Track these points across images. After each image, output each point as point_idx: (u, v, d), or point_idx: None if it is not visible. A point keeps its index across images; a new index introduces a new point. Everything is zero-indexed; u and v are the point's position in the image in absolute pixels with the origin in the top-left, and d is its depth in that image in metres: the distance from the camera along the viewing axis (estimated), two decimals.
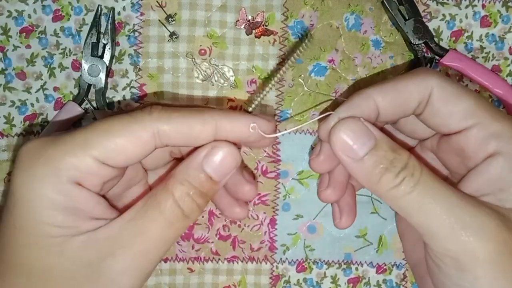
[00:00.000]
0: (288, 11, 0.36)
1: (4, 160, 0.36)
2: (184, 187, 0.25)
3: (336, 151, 0.25)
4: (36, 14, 0.35)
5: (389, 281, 0.38)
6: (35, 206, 0.23)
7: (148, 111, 0.24)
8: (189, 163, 0.25)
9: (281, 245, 0.38)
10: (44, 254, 0.23)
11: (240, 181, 0.30)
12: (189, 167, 0.25)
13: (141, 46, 0.36)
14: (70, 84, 0.36)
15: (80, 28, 0.35)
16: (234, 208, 0.31)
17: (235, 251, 0.37)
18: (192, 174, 0.25)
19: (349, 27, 0.36)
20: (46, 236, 0.23)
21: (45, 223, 0.23)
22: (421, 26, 0.35)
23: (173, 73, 0.36)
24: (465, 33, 0.36)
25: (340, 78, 0.36)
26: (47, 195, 0.23)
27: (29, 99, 0.36)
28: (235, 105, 0.36)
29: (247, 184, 0.30)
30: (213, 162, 0.25)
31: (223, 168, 0.26)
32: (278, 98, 0.36)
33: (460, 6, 0.36)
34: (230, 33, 0.36)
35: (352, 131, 0.25)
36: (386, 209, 0.37)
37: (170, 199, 0.24)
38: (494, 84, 0.35)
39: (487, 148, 0.25)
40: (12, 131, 0.36)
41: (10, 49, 0.35)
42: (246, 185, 0.30)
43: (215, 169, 0.25)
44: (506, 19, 0.36)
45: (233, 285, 0.38)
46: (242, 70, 0.36)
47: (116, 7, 0.35)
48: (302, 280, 0.38)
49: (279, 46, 0.36)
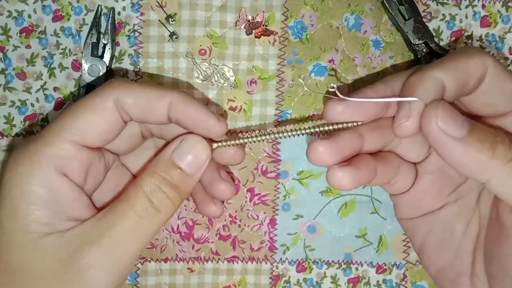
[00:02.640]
0: (288, 11, 0.36)
1: (4, 160, 0.36)
2: (153, 179, 0.25)
3: (436, 134, 0.23)
4: (36, 14, 0.35)
5: (389, 281, 0.38)
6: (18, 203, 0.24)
7: (107, 84, 0.26)
8: (159, 156, 0.26)
9: (281, 245, 0.38)
10: (19, 250, 0.24)
11: (216, 179, 0.30)
12: (159, 160, 0.26)
13: (141, 46, 0.36)
14: (70, 84, 0.36)
15: (80, 28, 0.35)
16: (209, 205, 0.31)
17: (235, 251, 0.37)
18: (161, 166, 0.25)
19: (349, 27, 0.36)
20: (24, 232, 0.24)
21: (23, 218, 0.24)
22: (421, 26, 0.35)
23: (173, 73, 0.36)
24: (465, 33, 0.36)
25: (340, 78, 0.36)
26: (30, 190, 0.23)
27: (29, 99, 0.36)
28: (235, 105, 0.36)
29: (223, 183, 0.30)
30: (183, 153, 0.26)
31: (194, 159, 0.26)
32: (278, 98, 0.36)
33: (460, 6, 0.36)
34: (230, 33, 0.36)
35: (448, 112, 0.23)
36: (386, 209, 0.37)
37: (140, 191, 0.25)
38: None
39: None
40: (12, 131, 0.36)
41: (10, 49, 0.35)
42: (222, 183, 0.30)
43: (185, 161, 0.26)
44: (506, 19, 0.36)
45: (233, 285, 0.38)
46: (242, 70, 0.36)
47: (116, 7, 0.35)
48: (302, 280, 0.38)
49: (279, 46, 0.36)
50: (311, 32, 0.36)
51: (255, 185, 0.37)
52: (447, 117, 0.23)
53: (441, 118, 0.23)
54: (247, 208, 0.37)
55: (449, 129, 0.23)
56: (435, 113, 0.23)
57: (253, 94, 0.36)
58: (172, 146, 0.26)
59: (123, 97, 0.25)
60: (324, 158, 0.25)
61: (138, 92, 0.26)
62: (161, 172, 0.25)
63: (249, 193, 0.37)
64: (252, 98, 0.36)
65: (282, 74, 0.36)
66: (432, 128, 0.23)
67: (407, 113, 0.24)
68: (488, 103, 0.26)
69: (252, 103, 0.36)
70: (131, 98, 0.25)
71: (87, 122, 0.24)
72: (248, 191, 0.37)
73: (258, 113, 0.36)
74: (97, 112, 0.25)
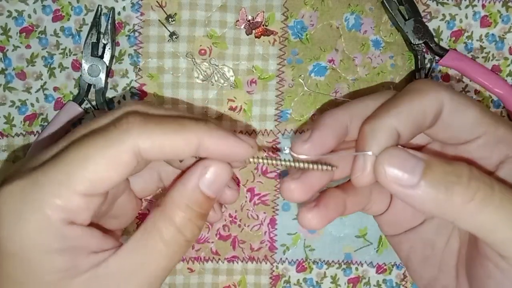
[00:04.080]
0: (288, 11, 0.36)
1: (4, 160, 0.36)
2: (184, 213, 0.24)
3: (389, 185, 0.23)
4: (36, 14, 0.35)
5: (389, 281, 0.38)
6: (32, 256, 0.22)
7: (126, 128, 0.22)
8: (185, 186, 0.25)
9: (281, 245, 0.38)
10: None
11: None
12: (186, 190, 0.25)
13: (141, 46, 0.36)
14: (70, 84, 0.36)
15: (80, 28, 0.35)
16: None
17: (235, 251, 0.37)
18: (190, 197, 0.25)
19: (349, 27, 0.36)
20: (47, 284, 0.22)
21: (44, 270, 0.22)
22: (421, 26, 0.35)
23: (173, 73, 0.36)
24: (465, 33, 0.36)
25: (340, 78, 0.36)
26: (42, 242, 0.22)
27: (29, 99, 0.36)
28: (235, 105, 0.36)
29: (229, 189, 0.29)
30: (210, 182, 0.25)
31: (218, 184, 0.25)
32: (278, 98, 0.36)
33: (460, 6, 0.36)
34: (230, 33, 0.36)
35: (398, 159, 0.23)
36: None
37: (172, 227, 0.24)
38: (494, 84, 0.35)
39: (498, 153, 0.25)
40: (12, 131, 0.36)
41: (10, 49, 0.35)
42: (228, 190, 0.29)
43: (211, 187, 0.25)
44: (506, 19, 0.36)
45: (233, 285, 0.38)
46: (242, 70, 0.36)
47: (116, 7, 0.35)
48: (302, 280, 0.38)
49: (279, 46, 0.36)
50: (311, 32, 0.36)
51: (255, 185, 0.37)
52: (396, 167, 0.23)
53: (389, 170, 0.23)
54: (247, 208, 0.37)
55: (399, 180, 0.23)
56: (382, 166, 0.23)
57: (253, 94, 0.36)
58: (196, 173, 0.25)
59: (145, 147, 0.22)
60: (295, 196, 0.27)
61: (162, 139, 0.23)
62: (192, 204, 0.24)
63: (249, 193, 0.37)
64: (252, 98, 0.36)
65: (282, 74, 0.36)
66: (383, 180, 0.23)
67: (361, 166, 0.24)
68: (448, 135, 0.26)
69: (252, 103, 0.36)
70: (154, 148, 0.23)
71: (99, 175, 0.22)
72: (248, 191, 0.37)
73: (258, 113, 0.36)
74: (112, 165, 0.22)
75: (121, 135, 0.22)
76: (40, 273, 0.22)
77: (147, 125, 0.23)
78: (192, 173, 0.25)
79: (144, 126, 0.23)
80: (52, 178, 0.22)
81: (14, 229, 0.22)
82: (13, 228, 0.22)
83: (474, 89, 0.37)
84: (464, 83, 0.37)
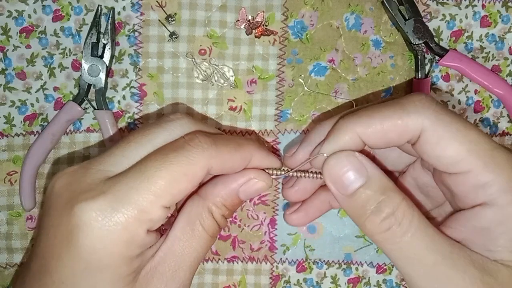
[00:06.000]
0: (288, 11, 0.36)
1: (4, 160, 0.36)
2: (220, 210, 0.27)
3: (328, 183, 0.25)
4: (36, 14, 0.35)
5: (389, 281, 0.38)
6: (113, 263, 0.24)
7: (201, 149, 0.25)
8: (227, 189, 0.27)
9: (281, 245, 0.38)
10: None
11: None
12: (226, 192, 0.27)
13: (141, 46, 0.36)
14: (70, 84, 0.36)
15: (80, 28, 0.35)
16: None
17: (235, 251, 0.37)
18: (229, 200, 0.27)
19: (349, 27, 0.36)
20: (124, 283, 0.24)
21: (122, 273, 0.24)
22: (421, 26, 0.35)
23: (173, 73, 0.36)
24: (465, 33, 0.36)
25: (340, 78, 0.36)
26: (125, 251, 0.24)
27: (29, 99, 0.36)
28: (235, 105, 0.36)
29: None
30: (249, 191, 0.28)
31: (254, 194, 0.28)
32: (278, 98, 0.36)
33: (460, 6, 0.36)
34: (230, 33, 0.36)
35: (344, 166, 0.25)
36: None
37: (210, 218, 0.27)
38: (494, 84, 0.35)
39: (476, 197, 0.23)
40: (12, 131, 0.36)
41: (10, 49, 0.35)
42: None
43: (247, 195, 0.28)
44: (506, 19, 0.36)
45: (233, 285, 0.38)
46: (242, 70, 0.36)
47: (116, 7, 0.35)
48: (302, 280, 0.38)
49: (279, 46, 0.36)
50: (311, 32, 0.36)
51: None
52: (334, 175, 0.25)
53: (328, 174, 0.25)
54: (247, 208, 0.37)
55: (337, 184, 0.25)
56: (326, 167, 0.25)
57: (253, 94, 0.36)
58: (240, 181, 0.27)
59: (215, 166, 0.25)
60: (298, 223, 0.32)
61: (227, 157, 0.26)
62: (228, 204, 0.27)
63: None
64: (252, 98, 0.36)
65: (282, 74, 0.36)
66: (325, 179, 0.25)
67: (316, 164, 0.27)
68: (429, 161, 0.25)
69: (252, 103, 0.36)
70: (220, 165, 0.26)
71: (180, 191, 0.25)
72: None
73: (258, 113, 0.36)
74: (191, 183, 0.25)
75: (199, 155, 0.25)
76: (118, 277, 0.24)
77: (217, 146, 0.25)
78: (236, 179, 0.27)
79: (215, 147, 0.25)
80: (141, 198, 0.24)
81: (99, 241, 0.23)
82: (98, 240, 0.23)
83: (474, 89, 0.37)
84: (464, 83, 0.37)
